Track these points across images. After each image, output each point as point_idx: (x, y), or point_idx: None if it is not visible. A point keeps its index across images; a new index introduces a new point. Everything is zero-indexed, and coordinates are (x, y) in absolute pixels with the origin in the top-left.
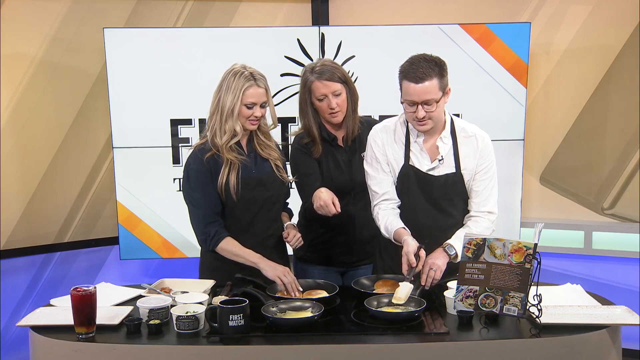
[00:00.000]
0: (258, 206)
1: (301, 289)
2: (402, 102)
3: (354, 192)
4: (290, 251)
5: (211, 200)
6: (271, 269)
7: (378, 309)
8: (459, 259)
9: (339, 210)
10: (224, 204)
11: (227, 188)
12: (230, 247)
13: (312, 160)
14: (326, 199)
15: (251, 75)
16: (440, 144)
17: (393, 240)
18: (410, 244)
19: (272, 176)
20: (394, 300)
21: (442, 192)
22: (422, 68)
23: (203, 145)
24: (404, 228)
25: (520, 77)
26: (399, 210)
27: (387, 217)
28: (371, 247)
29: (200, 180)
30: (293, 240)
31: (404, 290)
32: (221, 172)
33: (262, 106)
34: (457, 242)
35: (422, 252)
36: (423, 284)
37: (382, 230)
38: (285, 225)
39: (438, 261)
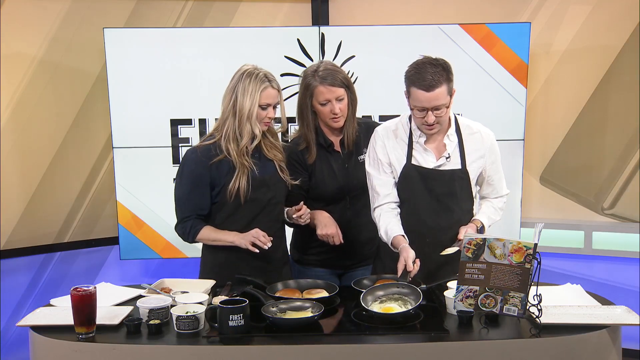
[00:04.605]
0: (260, 207)
1: (271, 239)
2: (411, 109)
3: (349, 196)
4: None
5: (195, 202)
6: (242, 240)
7: (374, 311)
8: (485, 230)
9: (342, 240)
10: (225, 205)
11: (237, 191)
12: (207, 235)
13: (300, 174)
14: (334, 231)
15: (265, 76)
16: (447, 142)
17: (390, 246)
18: (410, 252)
19: (275, 177)
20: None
21: (447, 189)
22: (431, 74)
23: (209, 147)
24: (403, 236)
25: (520, 77)
26: (399, 210)
27: (389, 222)
28: (369, 249)
29: (192, 182)
30: (302, 212)
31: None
32: (234, 177)
33: (274, 107)
34: (483, 216)
35: (417, 262)
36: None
37: (382, 233)
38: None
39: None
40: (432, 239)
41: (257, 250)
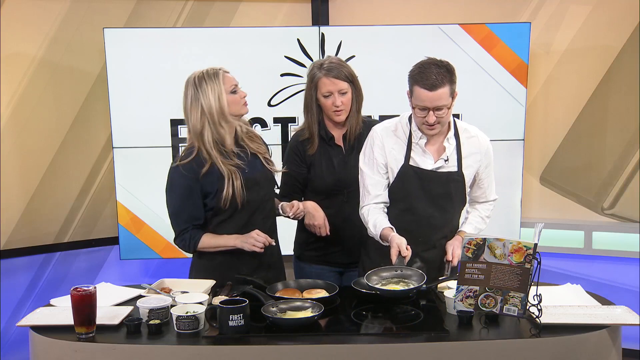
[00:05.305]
0: (255, 206)
1: (274, 242)
2: (413, 107)
3: (347, 190)
4: (288, 251)
5: (189, 213)
6: (245, 244)
7: (378, 287)
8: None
9: (329, 232)
10: (221, 210)
11: (233, 196)
12: (207, 242)
13: (298, 167)
14: (321, 222)
15: (214, 69)
16: (447, 145)
17: (379, 239)
18: (402, 238)
19: (263, 174)
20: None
21: (443, 190)
22: (435, 75)
23: (191, 161)
24: (391, 228)
25: (520, 77)
26: (386, 211)
27: (377, 216)
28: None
29: (182, 194)
30: (293, 210)
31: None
32: (225, 185)
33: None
34: (469, 227)
35: (409, 248)
36: (452, 263)
37: (370, 227)
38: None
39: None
40: (424, 237)
41: (262, 250)
